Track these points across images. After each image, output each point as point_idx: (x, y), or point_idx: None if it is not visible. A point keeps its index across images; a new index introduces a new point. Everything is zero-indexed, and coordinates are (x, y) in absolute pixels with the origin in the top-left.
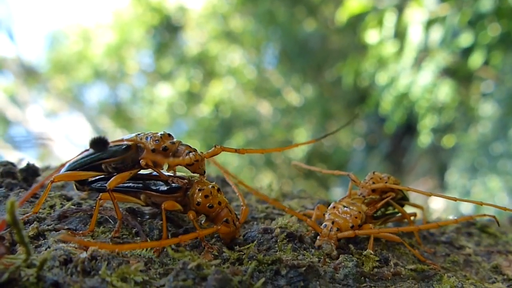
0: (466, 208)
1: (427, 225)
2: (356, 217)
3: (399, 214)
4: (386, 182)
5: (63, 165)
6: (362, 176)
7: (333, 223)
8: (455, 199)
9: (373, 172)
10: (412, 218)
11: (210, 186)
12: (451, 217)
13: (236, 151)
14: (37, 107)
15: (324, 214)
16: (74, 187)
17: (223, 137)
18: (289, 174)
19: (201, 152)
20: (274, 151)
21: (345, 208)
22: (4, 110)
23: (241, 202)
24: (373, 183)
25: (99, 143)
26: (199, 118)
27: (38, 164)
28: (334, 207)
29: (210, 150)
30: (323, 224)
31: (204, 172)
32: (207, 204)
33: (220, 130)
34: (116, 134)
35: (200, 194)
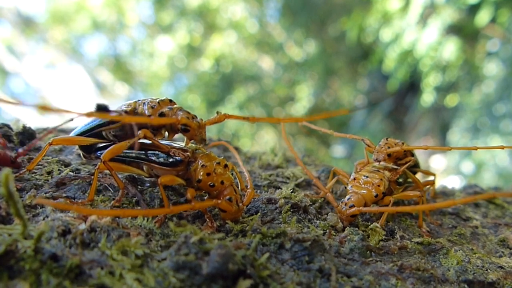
0: (468, 168)
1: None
2: (378, 185)
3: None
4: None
5: None
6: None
7: (349, 199)
8: (475, 148)
9: (386, 138)
10: (427, 187)
11: (215, 162)
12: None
13: (244, 119)
14: (35, 58)
15: (345, 187)
16: (82, 157)
17: (224, 92)
18: (290, 130)
19: (201, 119)
20: (289, 121)
21: (366, 178)
22: (2, 60)
23: (248, 181)
24: (388, 148)
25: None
26: (199, 72)
27: (36, 118)
28: (355, 179)
29: (212, 117)
30: (342, 200)
31: (204, 140)
32: (209, 183)
33: (221, 85)
34: (115, 87)
35: (202, 171)
